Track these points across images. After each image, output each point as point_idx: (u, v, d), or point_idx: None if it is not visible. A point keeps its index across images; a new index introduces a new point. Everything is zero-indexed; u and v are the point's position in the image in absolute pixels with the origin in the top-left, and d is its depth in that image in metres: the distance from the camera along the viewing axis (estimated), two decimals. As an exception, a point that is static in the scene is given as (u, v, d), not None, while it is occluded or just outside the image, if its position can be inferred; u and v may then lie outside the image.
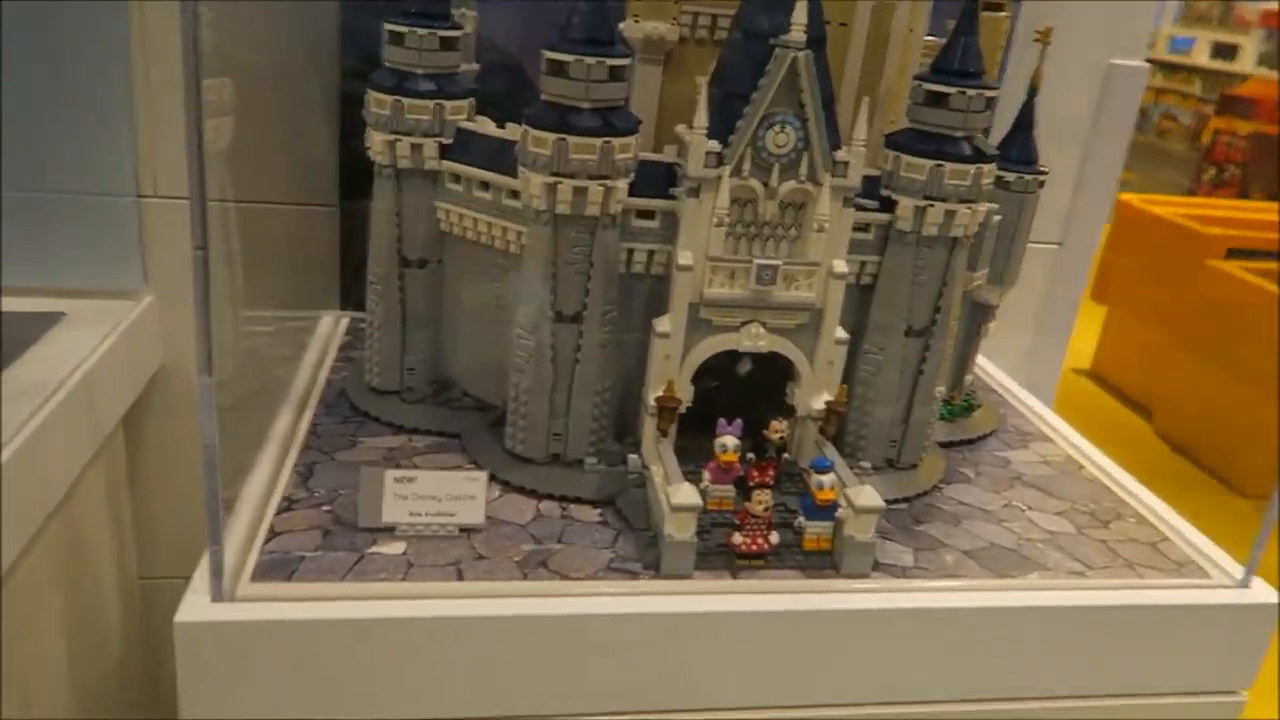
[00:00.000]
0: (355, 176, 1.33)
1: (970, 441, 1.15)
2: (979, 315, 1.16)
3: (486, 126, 1.03)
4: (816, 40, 0.91)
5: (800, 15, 0.88)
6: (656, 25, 1.05)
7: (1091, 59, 1.40)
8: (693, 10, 1.06)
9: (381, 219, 1.06)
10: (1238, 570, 0.91)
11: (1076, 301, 1.49)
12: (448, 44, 1.02)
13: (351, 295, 1.40)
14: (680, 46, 1.08)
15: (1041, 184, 1.13)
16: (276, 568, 0.81)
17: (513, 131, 1.00)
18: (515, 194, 0.97)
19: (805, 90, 0.90)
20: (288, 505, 0.91)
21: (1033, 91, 1.12)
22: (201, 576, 0.77)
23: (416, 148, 1.02)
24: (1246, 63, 8.45)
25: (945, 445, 1.13)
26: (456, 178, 1.03)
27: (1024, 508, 1.02)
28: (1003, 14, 1.13)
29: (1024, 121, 1.12)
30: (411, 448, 1.03)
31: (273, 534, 0.86)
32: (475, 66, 1.13)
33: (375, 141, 1.03)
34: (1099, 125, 1.43)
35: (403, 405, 1.09)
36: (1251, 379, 3.92)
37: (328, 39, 1.30)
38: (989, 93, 0.95)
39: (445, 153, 1.03)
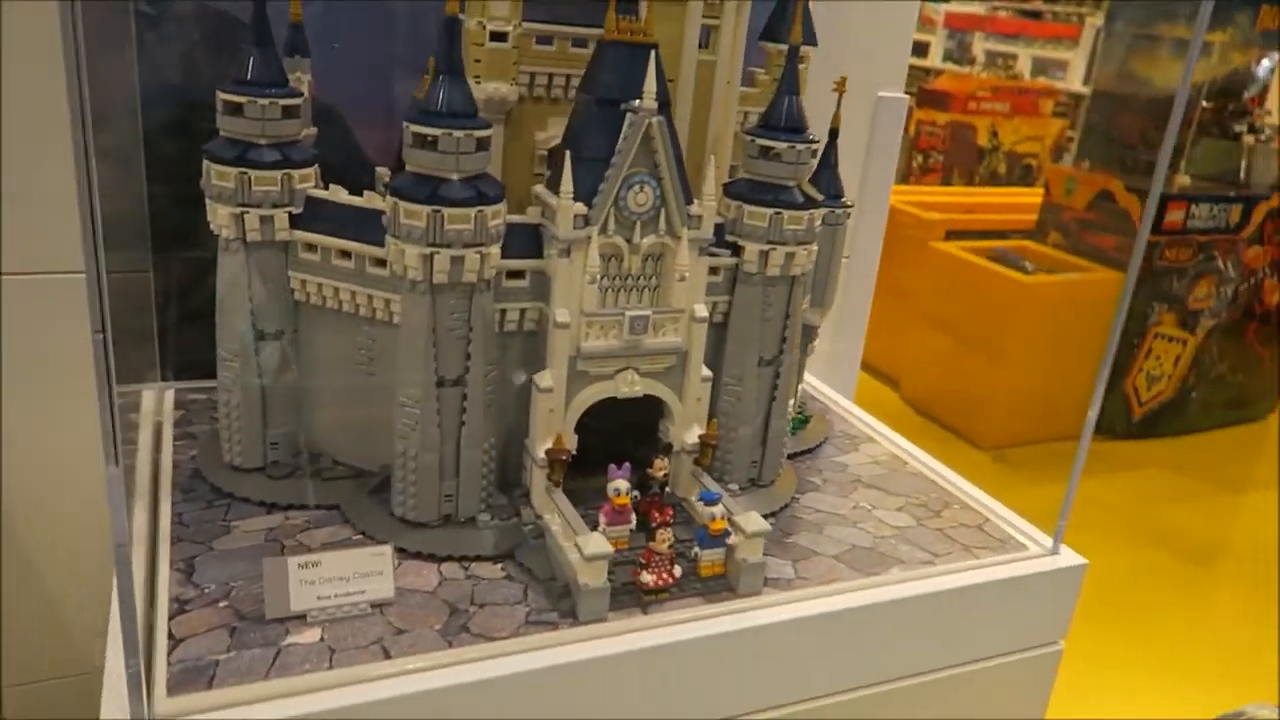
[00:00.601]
0: (162, 237, 1.27)
1: (809, 451, 1.28)
2: (806, 336, 1.29)
3: (339, 194, 1.02)
4: (664, 104, 0.98)
5: (650, 84, 0.95)
6: (498, 86, 1.08)
7: (865, 94, 1.57)
8: (530, 70, 1.10)
9: (230, 291, 1.02)
10: (1048, 541, 1.08)
11: (866, 307, 1.67)
12: (289, 111, 1.00)
13: (169, 364, 1.33)
14: (519, 105, 1.12)
15: (849, 215, 1.27)
16: (191, 677, 0.78)
17: (369, 199, 1.01)
18: (380, 261, 0.98)
19: (660, 152, 0.97)
20: (180, 608, 0.87)
21: (834, 133, 1.25)
22: (113, 697, 0.73)
23: (266, 219, 1.00)
24: (934, 59, 9.47)
25: (791, 457, 1.24)
26: (312, 247, 1.01)
27: (869, 507, 1.15)
28: (803, 65, 1.25)
29: (828, 160, 1.25)
30: (291, 525, 1.01)
31: (174, 640, 0.82)
32: (313, 131, 1.11)
33: (220, 215, 0.99)
34: (872, 149, 1.61)
35: (270, 481, 1.06)
36: (976, 346, 4.45)
37: (127, 94, 1.22)
38: (814, 145, 1.06)
39: (295, 222, 1.01)
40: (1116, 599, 2.83)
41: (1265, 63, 5.12)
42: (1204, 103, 4.79)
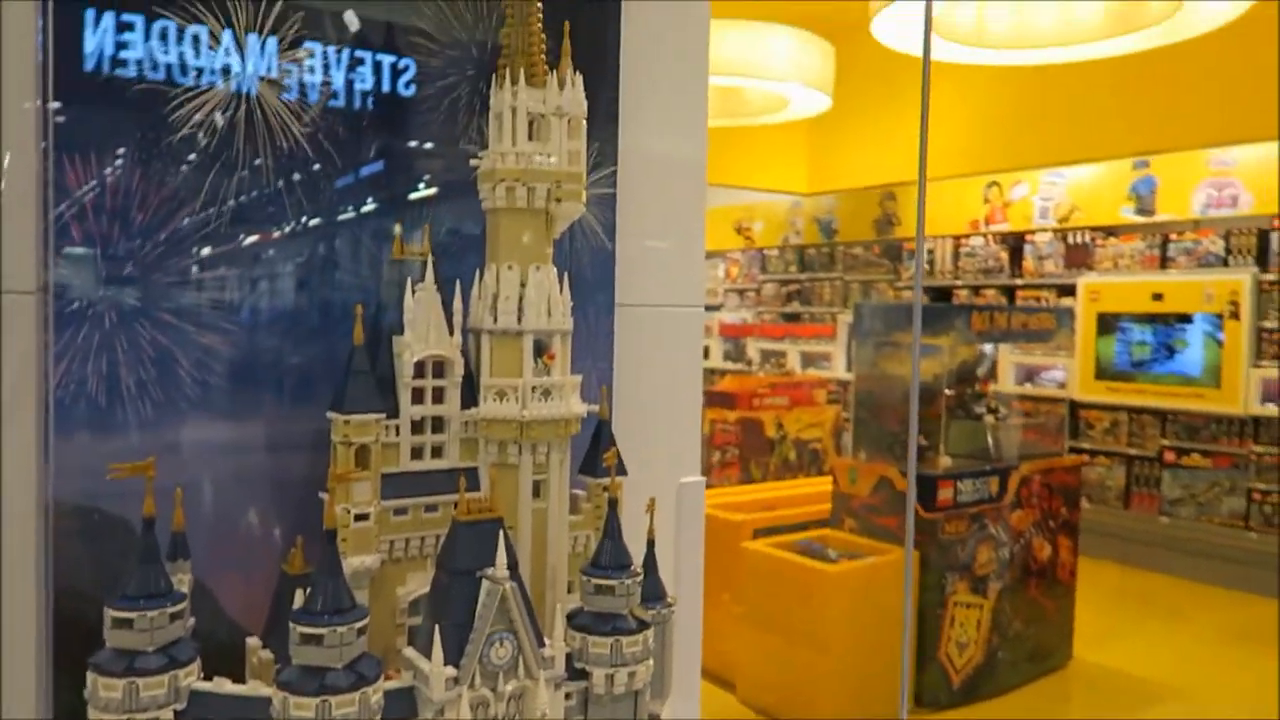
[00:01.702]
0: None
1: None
2: (652, 725, 1.44)
3: (224, 685, 1.12)
4: (513, 565, 1.17)
5: (501, 556, 1.14)
6: (363, 559, 1.24)
7: (669, 481, 1.83)
8: (389, 538, 1.27)
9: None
10: None
11: (697, 641, 1.85)
12: (176, 616, 1.11)
13: None
14: (381, 568, 1.28)
15: (673, 611, 1.47)
16: None
17: (254, 687, 1.11)
18: (268, 751, 1.07)
19: (514, 610, 1.15)
20: None
21: (650, 543, 1.47)
22: None
23: (152, 721, 1.07)
24: (715, 359, 10.43)
25: None
26: (198, 742, 1.09)
27: None
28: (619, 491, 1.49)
29: (650, 566, 1.47)
30: None
31: None
32: (192, 621, 1.22)
33: (105, 725, 1.06)
34: (680, 530, 1.85)
35: None
36: (798, 638, 4.68)
37: None
38: (638, 577, 1.27)
39: (179, 717, 1.09)
40: None
41: (986, 348, 6.03)
42: (947, 391, 5.54)
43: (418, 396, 1.28)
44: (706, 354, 10.36)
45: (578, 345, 1.50)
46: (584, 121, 1.34)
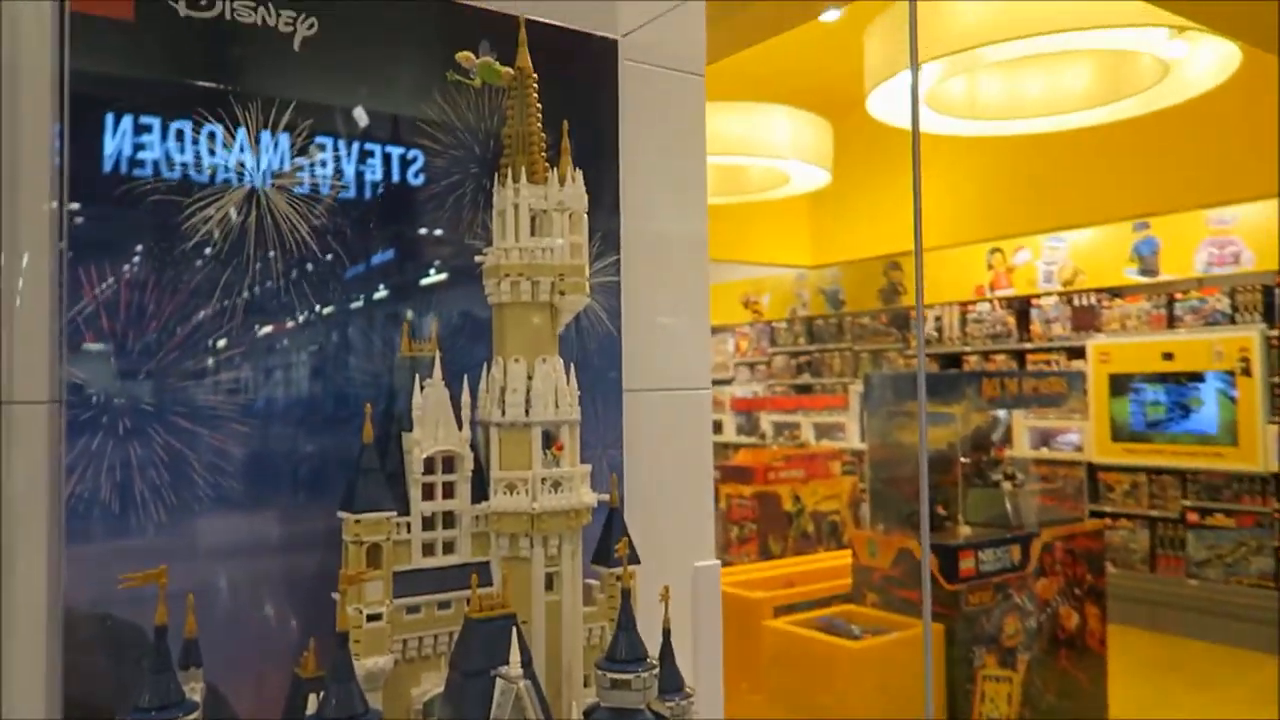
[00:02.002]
0: None
1: None
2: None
3: (236, 796, 1.10)
4: (526, 662, 1.15)
5: (515, 654, 1.13)
6: (376, 660, 1.23)
7: (683, 566, 1.81)
8: (402, 637, 1.26)
9: None
10: None
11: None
12: (190, 729, 1.10)
13: None
14: (395, 668, 1.26)
15: (692, 702, 1.44)
16: None
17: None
18: None
19: (529, 709, 1.13)
20: None
21: (666, 633, 1.45)
22: None
23: (164, 837, 1.05)
24: (729, 434, 10.40)
25: None
26: None
27: None
28: (632, 580, 1.48)
29: (666, 656, 1.44)
30: None
31: None
32: None
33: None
34: (697, 616, 1.83)
35: None
36: (827, 716, 4.56)
37: None
38: (655, 670, 1.25)
39: (192, 831, 1.07)
40: None
41: (1000, 414, 6.01)
42: (962, 459, 5.50)
43: (428, 492, 1.28)
44: (719, 428, 10.34)
45: (586, 433, 1.51)
46: (585, 215, 1.37)
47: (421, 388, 1.29)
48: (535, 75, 1.37)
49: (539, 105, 1.37)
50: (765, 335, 11.67)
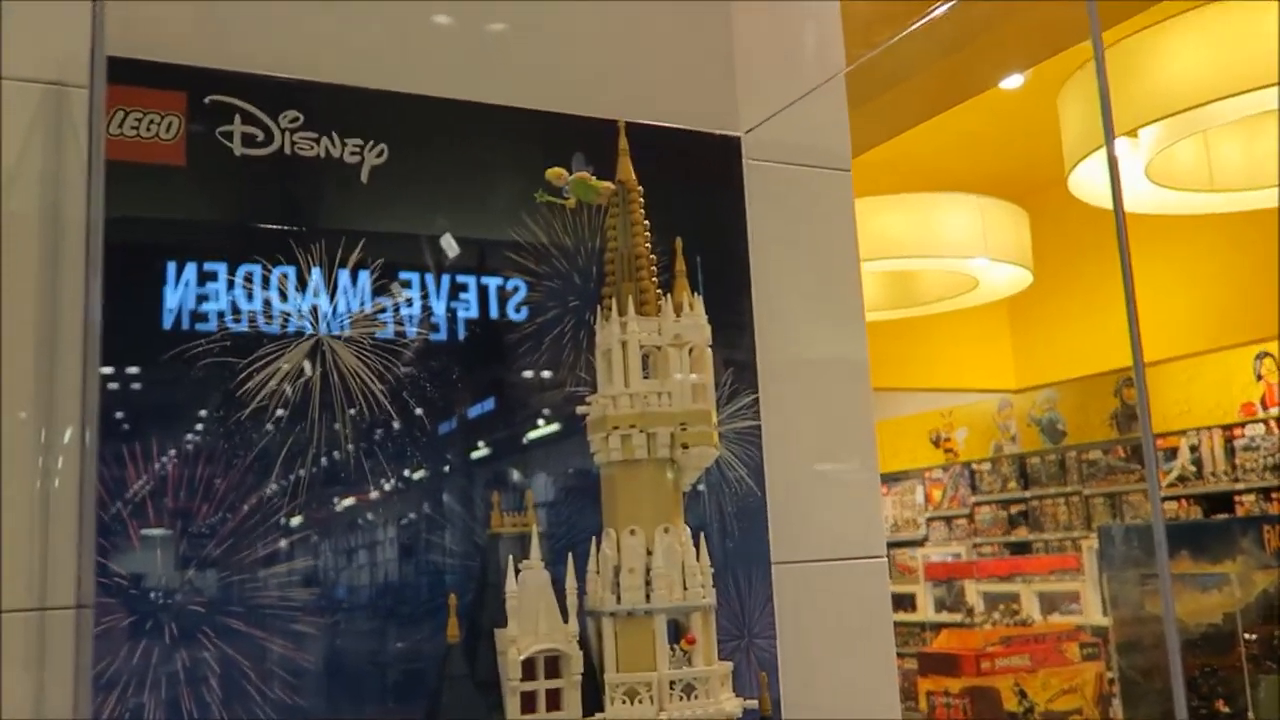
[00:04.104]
0: None
1: None
2: None
3: None
4: None
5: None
6: None
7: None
8: None
9: None
10: None
11: None
12: None
13: None
14: None
15: None
16: None
17: None
18: None
19: None
20: None
21: None
22: None
23: None
24: (926, 611, 10.03)
25: None
26: None
27: None
28: None
29: None
30: None
31: None
32: None
33: None
34: None
35: None
36: None
37: None
38: None
39: None
40: None
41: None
42: (1246, 635, 5.13)
43: (528, 704, 1.28)
44: (913, 604, 9.99)
45: (726, 621, 1.49)
46: (709, 348, 1.39)
47: (517, 571, 1.31)
48: (640, 189, 1.43)
49: (645, 222, 1.42)
50: (964, 480, 11.33)
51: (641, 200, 1.43)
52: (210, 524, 1.33)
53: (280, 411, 1.38)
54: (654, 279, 1.41)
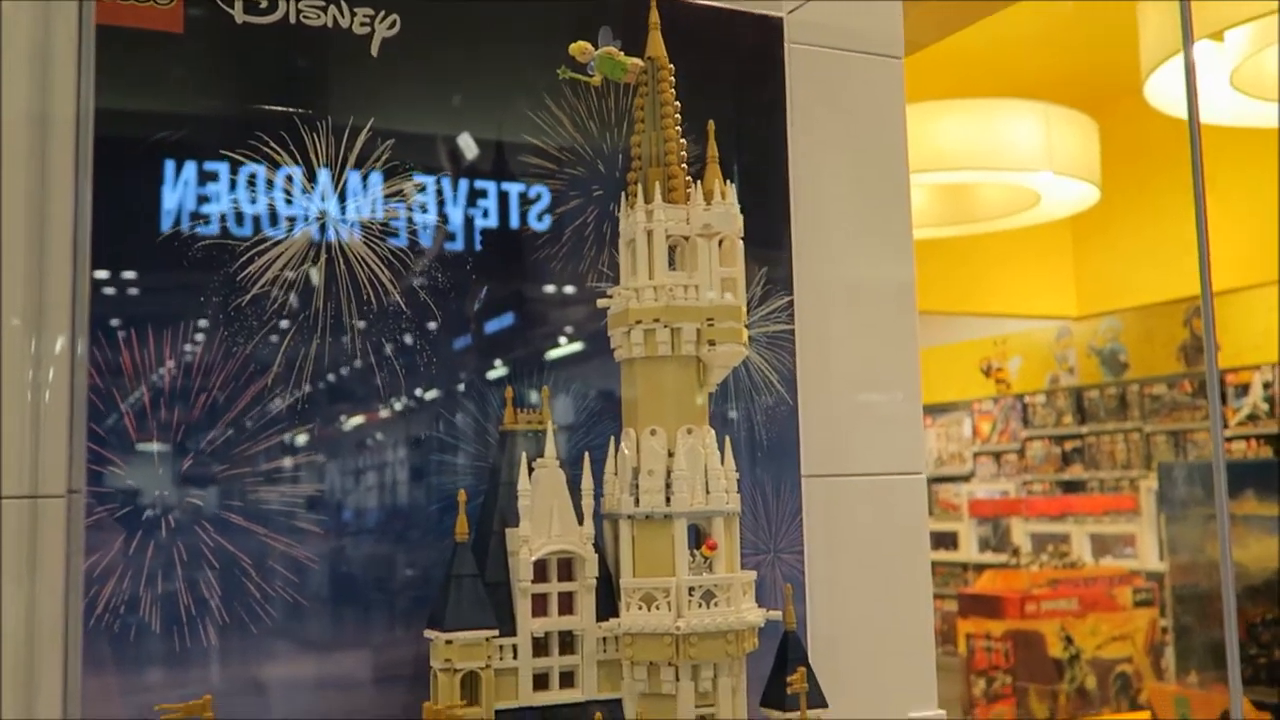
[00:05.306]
0: None
1: None
2: None
3: None
4: None
5: None
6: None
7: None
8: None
9: None
10: None
11: None
12: None
13: None
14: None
15: None
16: None
17: None
18: None
19: None
20: None
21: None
22: None
23: None
24: (968, 550, 10.09)
25: None
26: None
27: None
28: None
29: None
30: None
31: None
32: None
33: None
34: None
35: None
36: None
37: None
38: None
39: None
40: None
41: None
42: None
43: (540, 606, 1.31)
44: (955, 543, 10.05)
45: (750, 530, 1.51)
46: (740, 241, 1.39)
47: (530, 469, 1.33)
48: (671, 66, 1.42)
49: (677, 104, 1.42)
50: (1015, 413, 11.31)
51: (672, 80, 1.42)
52: (212, 421, 1.35)
53: (284, 323, 1.39)
54: (683, 165, 1.41)
